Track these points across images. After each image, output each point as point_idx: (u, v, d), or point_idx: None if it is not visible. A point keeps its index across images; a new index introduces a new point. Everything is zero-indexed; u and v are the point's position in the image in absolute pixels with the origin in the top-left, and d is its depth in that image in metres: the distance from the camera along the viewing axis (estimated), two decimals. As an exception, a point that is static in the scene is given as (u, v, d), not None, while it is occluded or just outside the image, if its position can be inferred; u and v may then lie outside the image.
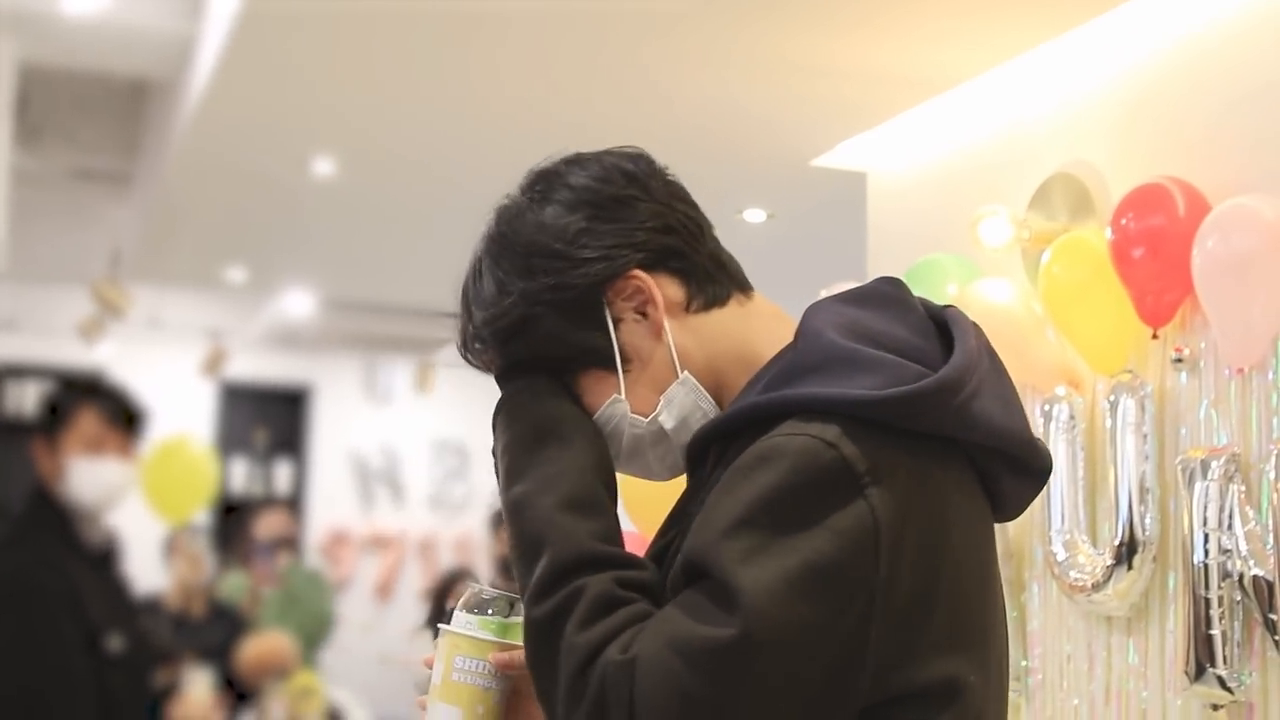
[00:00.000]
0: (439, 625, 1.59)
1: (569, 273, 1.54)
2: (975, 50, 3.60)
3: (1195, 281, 3.01)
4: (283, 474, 9.54)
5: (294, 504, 9.20)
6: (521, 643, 1.49)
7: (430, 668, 1.57)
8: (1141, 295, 3.17)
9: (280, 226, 5.94)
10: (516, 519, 1.49)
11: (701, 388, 1.55)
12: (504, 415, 1.60)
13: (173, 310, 8.14)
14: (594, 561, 1.44)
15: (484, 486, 9.74)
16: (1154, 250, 3.13)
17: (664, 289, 1.55)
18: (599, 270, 1.53)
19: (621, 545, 1.48)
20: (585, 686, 1.36)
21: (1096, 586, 3.23)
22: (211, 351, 8.29)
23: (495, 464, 1.60)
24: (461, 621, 1.55)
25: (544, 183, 1.60)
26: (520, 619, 1.49)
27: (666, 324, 1.54)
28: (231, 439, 9.29)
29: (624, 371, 1.55)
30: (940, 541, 1.44)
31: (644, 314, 1.55)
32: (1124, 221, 3.19)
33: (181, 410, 8.45)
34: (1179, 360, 3.16)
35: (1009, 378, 1.58)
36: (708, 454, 1.52)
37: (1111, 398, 3.24)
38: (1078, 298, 3.35)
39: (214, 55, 4.31)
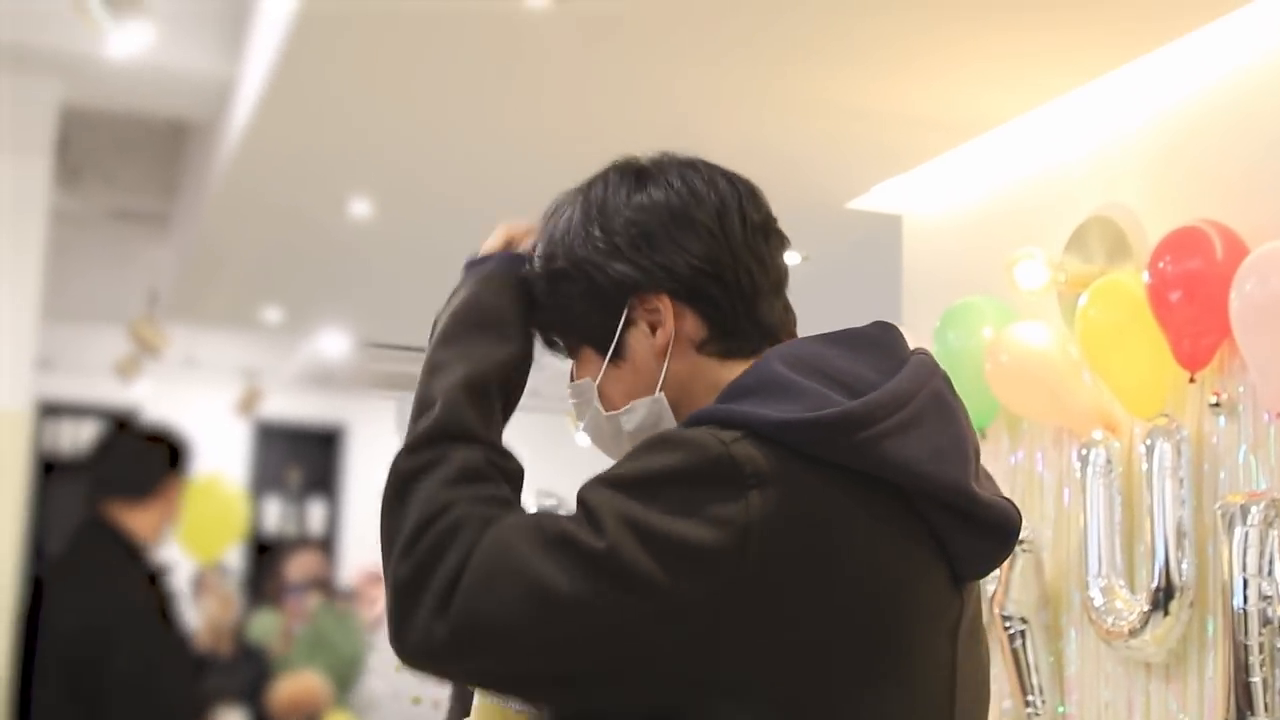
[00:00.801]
0: (476, 692, 1.62)
1: (613, 263, 1.59)
2: (1011, 94, 3.60)
3: (1233, 325, 3.00)
4: (316, 514, 9.55)
5: (327, 544, 9.20)
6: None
7: None
8: (1179, 338, 3.16)
9: (316, 267, 5.96)
10: (425, 378, 1.60)
11: (669, 411, 1.59)
12: (469, 286, 1.70)
13: (209, 350, 8.18)
14: (473, 438, 1.53)
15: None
16: (1191, 293, 3.12)
17: (686, 322, 1.58)
18: (635, 278, 1.58)
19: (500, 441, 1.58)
20: (428, 532, 1.43)
21: (1134, 632, 3.21)
22: (246, 391, 8.32)
23: (436, 318, 1.69)
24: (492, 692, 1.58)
25: (654, 172, 1.64)
26: None
27: (670, 351, 1.59)
28: (266, 478, 9.32)
29: (613, 364, 1.60)
30: (840, 574, 1.41)
31: (654, 331, 1.59)
32: (1161, 265, 3.18)
33: (216, 449, 8.47)
34: (1216, 404, 3.14)
35: (961, 431, 1.53)
36: None
37: (1148, 442, 3.22)
38: (1114, 341, 3.34)
39: (252, 97, 4.35)
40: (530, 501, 8.00)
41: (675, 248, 1.58)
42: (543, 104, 4.00)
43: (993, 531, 1.52)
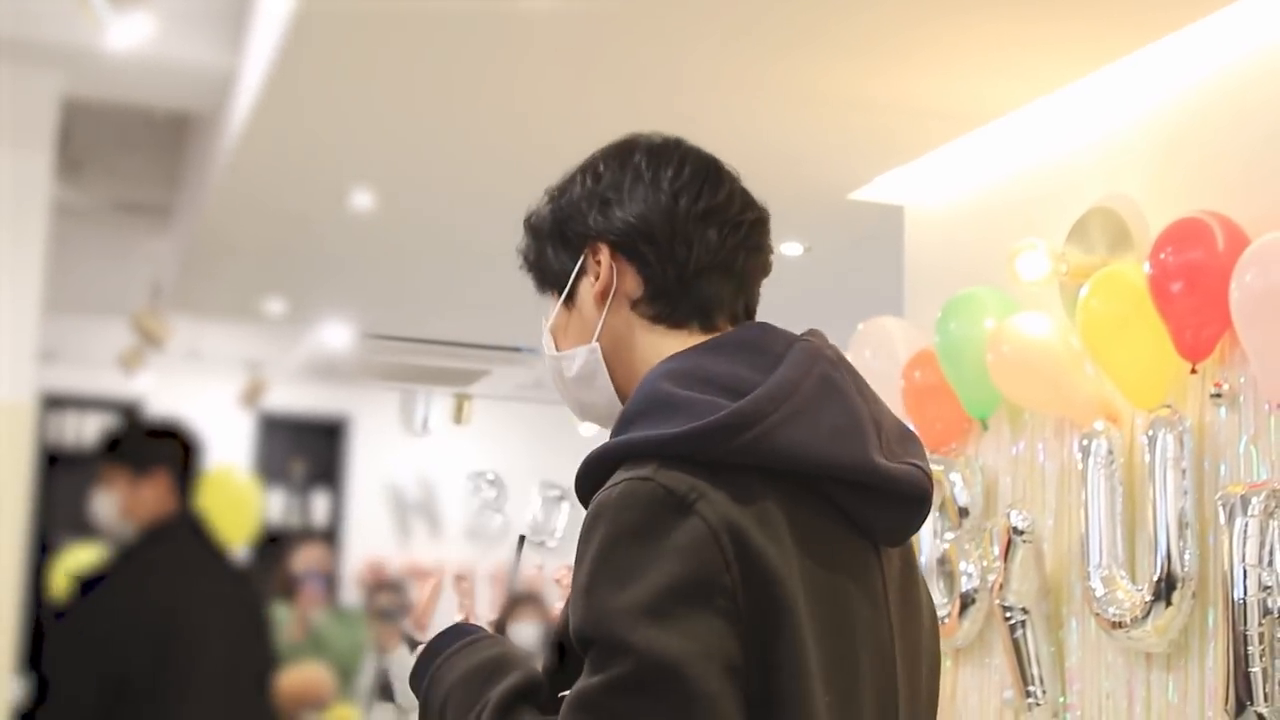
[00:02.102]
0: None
1: (577, 212, 1.71)
2: (1013, 84, 3.60)
3: (1234, 316, 3.00)
4: (320, 505, 9.54)
5: (331, 535, 9.20)
6: None
7: None
8: (1180, 329, 3.16)
9: (319, 259, 5.96)
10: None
11: (604, 366, 1.70)
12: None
13: (211, 342, 8.17)
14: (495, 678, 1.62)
15: (521, 518, 9.72)
16: (1192, 284, 3.12)
17: (625, 278, 1.69)
18: (588, 227, 1.70)
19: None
20: None
21: (1135, 622, 3.21)
22: (250, 383, 8.31)
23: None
24: None
25: (642, 142, 1.75)
26: None
27: (610, 304, 1.69)
28: (269, 470, 9.30)
29: (564, 308, 1.73)
30: (771, 565, 1.48)
31: (596, 278, 1.70)
32: (1162, 255, 3.18)
33: (220, 441, 8.47)
34: (1218, 395, 3.14)
35: (856, 405, 1.59)
36: (583, 498, 1.62)
37: (1150, 433, 3.22)
38: (1116, 332, 3.34)
39: (253, 89, 4.34)
40: (534, 493, 7.99)
41: (623, 207, 1.69)
42: (544, 96, 3.99)
43: (901, 501, 1.60)
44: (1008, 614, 3.53)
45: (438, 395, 9.50)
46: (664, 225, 1.67)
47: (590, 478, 1.58)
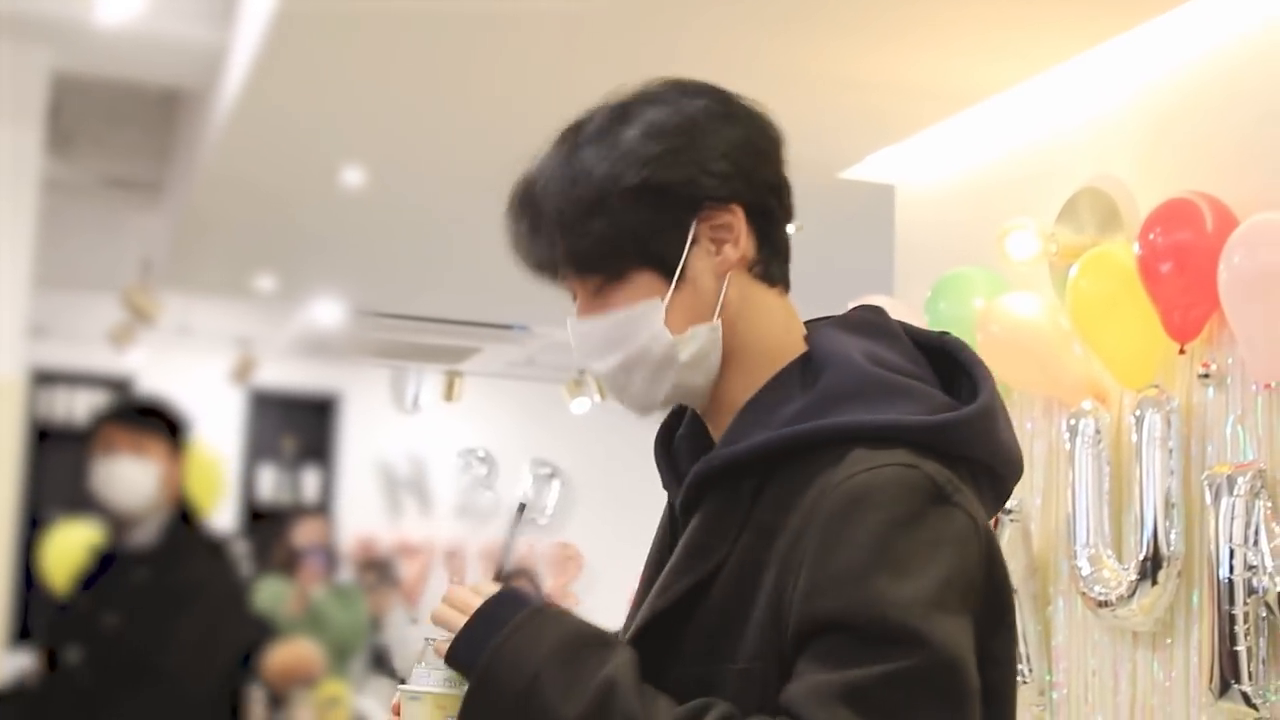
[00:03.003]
0: (402, 687, 1.52)
1: (696, 174, 1.53)
2: (1004, 64, 3.60)
3: (1222, 296, 3.01)
4: (310, 482, 9.55)
5: (322, 512, 9.21)
6: None
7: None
8: (1169, 310, 3.16)
9: (310, 236, 5.96)
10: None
11: (720, 345, 1.55)
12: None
13: (202, 318, 8.17)
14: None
15: (511, 495, 9.73)
16: (1181, 265, 3.12)
17: (746, 241, 1.54)
18: (713, 185, 1.53)
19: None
20: None
21: (1121, 601, 3.22)
22: (240, 359, 8.32)
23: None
24: (440, 679, 1.48)
25: (706, 98, 1.60)
26: None
27: (732, 270, 1.54)
28: (260, 447, 9.31)
29: (675, 288, 1.53)
30: (1003, 563, 1.50)
31: (719, 249, 1.54)
32: (1151, 236, 3.18)
33: (210, 418, 8.47)
34: (1206, 375, 3.15)
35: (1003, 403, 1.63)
36: (740, 487, 1.50)
37: (1138, 412, 3.23)
38: (1105, 312, 3.34)
39: (245, 64, 4.34)
40: (525, 471, 7.97)
41: (753, 159, 1.56)
42: (536, 71, 3.99)
43: (1004, 500, 1.60)
44: (994, 592, 3.54)
45: (429, 372, 9.52)
46: (779, 177, 1.59)
47: (801, 452, 1.46)
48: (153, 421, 4.04)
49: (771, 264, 1.56)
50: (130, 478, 3.90)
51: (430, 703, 1.47)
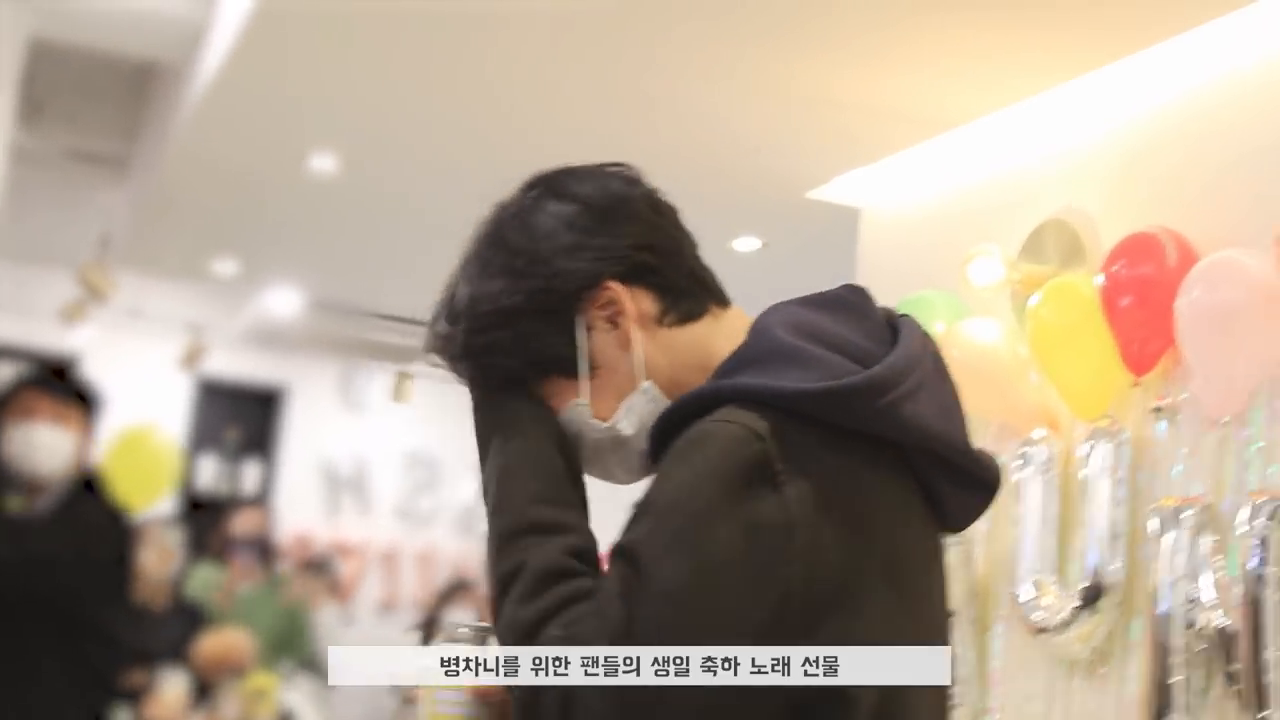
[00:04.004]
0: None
1: (550, 278, 1.59)
2: (978, 92, 3.64)
3: (1179, 331, 3.05)
4: (251, 474, 9.50)
5: (259, 505, 9.17)
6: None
7: (413, 702, 1.65)
8: (1127, 343, 3.21)
9: (275, 221, 5.93)
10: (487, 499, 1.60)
11: (663, 397, 1.60)
12: (496, 437, 1.64)
13: (156, 300, 8.12)
14: (538, 528, 1.52)
15: (452, 501, 9.71)
16: (1142, 298, 3.17)
17: (639, 302, 1.60)
18: (578, 279, 1.59)
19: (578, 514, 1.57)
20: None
21: (1060, 628, 3.26)
22: (190, 346, 8.27)
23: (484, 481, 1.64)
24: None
25: (541, 189, 1.67)
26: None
27: (635, 335, 1.59)
28: (203, 435, 9.25)
29: (591, 377, 1.60)
30: (865, 540, 1.49)
31: (615, 324, 1.60)
32: (1114, 268, 3.24)
33: (155, 402, 8.43)
34: (1159, 409, 3.20)
35: (954, 388, 1.63)
36: (661, 447, 1.56)
37: (1089, 442, 3.28)
38: (1063, 342, 3.39)
39: (225, 42, 4.33)
40: (467, 477, 7.94)
41: (603, 237, 1.61)
42: (516, 73, 4.01)
43: (982, 485, 1.63)
44: (936, 613, 3.57)
45: (380, 370, 9.50)
46: (653, 231, 1.63)
47: (694, 412, 1.51)
48: (73, 391, 4.07)
49: (684, 305, 1.62)
50: (49, 445, 3.92)
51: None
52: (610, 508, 1.61)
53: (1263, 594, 2.82)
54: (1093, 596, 3.20)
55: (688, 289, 1.64)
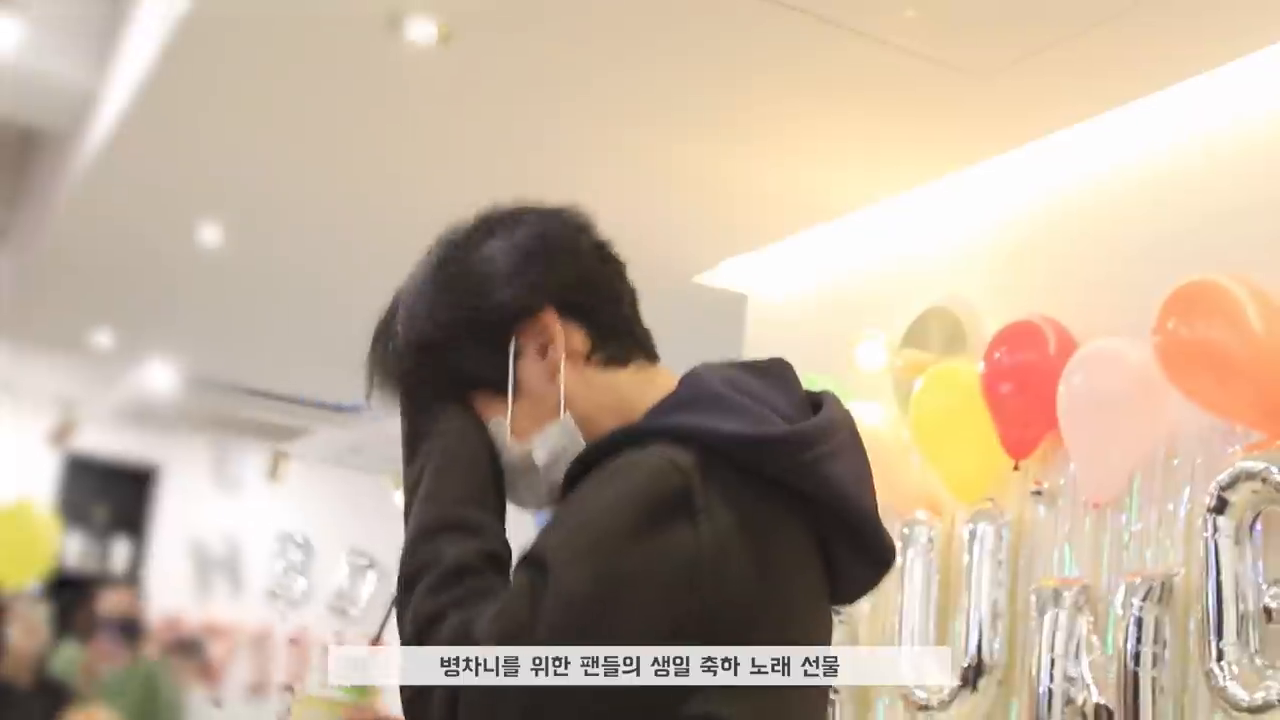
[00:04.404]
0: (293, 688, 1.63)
1: (488, 305, 1.64)
2: (865, 181, 3.72)
3: (1060, 416, 3.13)
4: (120, 553, 9.32)
5: (129, 584, 8.98)
6: (368, 701, 1.56)
7: None
8: (1008, 428, 3.28)
9: (155, 293, 5.86)
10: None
11: (578, 433, 1.63)
12: (430, 439, 1.65)
13: (29, 374, 7.98)
14: (459, 527, 1.54)
15: (326, 583, 9.59)
16: (1022, 384, 3.25)
17: (570, 337, 1.64)
18: (515, 308, 1.63)
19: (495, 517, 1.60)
20: (427, 643, 1.45)
21: (941, 706, 3.30)
22: (62, 421, 8.14)
23: (411, 487, 1.63)
24: (316, 683, 1.60)
25: (490, 222, 1.71)
26: (369, 682, 1.55)
27: (563, 368, 1.63)
28: (71, 511, 9.06)
29: (513, 400, 1.64)
30: (768, 584, 1.51)
31: (545, 354, 1.64)
32: (996, 355, 3.32)
33: (22, 477, 8.26)
34: (1038, 493, 3.27)
35: (868, 462, 1.66)
36: (585, 473, 1.58)
37: (971, 525, 3.34)
38: (945, 426, 3.46)
39: (114, 112, 4.30)
40: (341, 560, 7.86)
41: (543, 271, 1.64)
42: (409, 147, 4.02)
43: (880, 561, 1.65)
44: (819, 692, 3.60)
45: (255, 450, 9.40)
46: (592, 271, 1.67)
47: (624, 447, 1.52)
48: None
49: (612, 347, 1.65)
50: None
51: (303, 702, 1.54)
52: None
53: (1139, 672, 2.89)
54: (974, 675, 3.25)
55: (619, 334, 1.67)
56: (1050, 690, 3.03)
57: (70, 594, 7.96)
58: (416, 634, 1.46)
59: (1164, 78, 3.10)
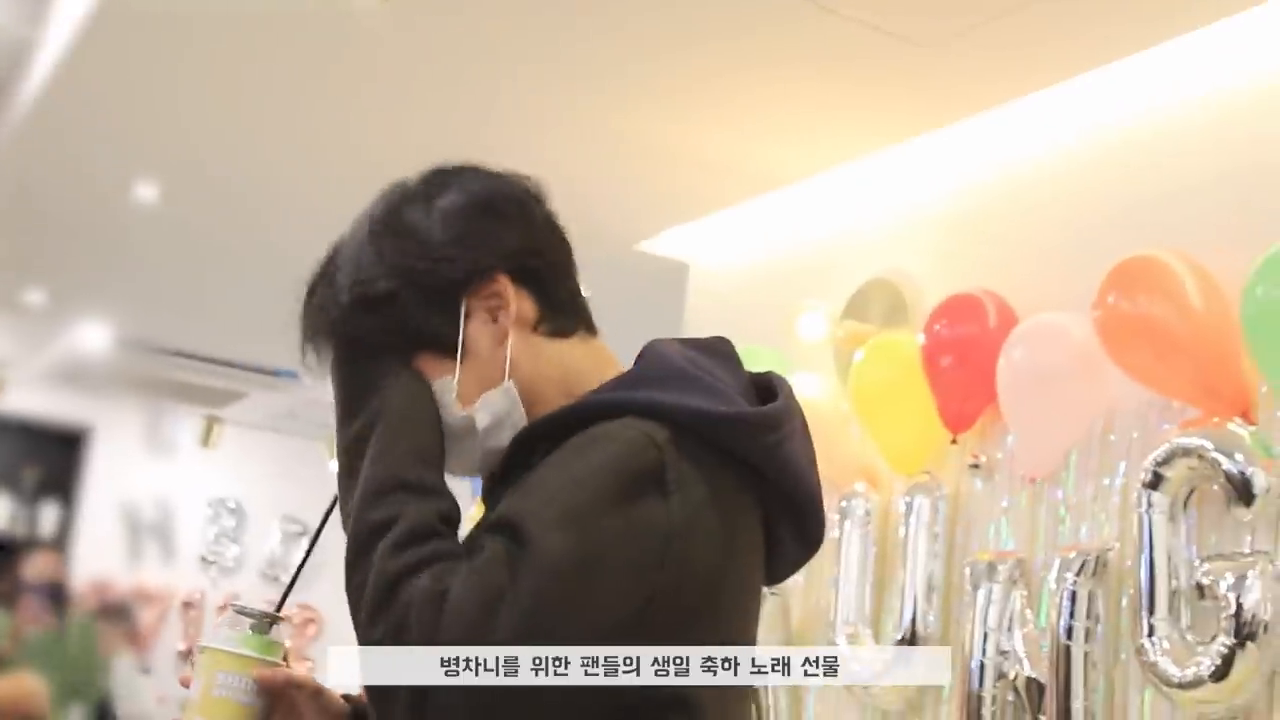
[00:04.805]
0: (199, 643, 1.58)
1: (441, 263, 1.61)
2: (808, 151, 3.71)
3: (1000, 390, 3.13)
4: (49, 516, 9.20)
5: (59, 549, 8.88)
6: (280, 660, 1.55)
7: (188, 686, 1.56)
8: (946, 401, 3.28)
9: (90, 251, 5.77)
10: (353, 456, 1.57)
11: (519, 401, 1.62)
12: (378, 393, 1.62)
13: (-44, 332, 7.86)
14: (416, 487, 1.51)
15: (259, 550, 9.53)
16: (962, 358, 3.25)
17: (520, 303, 1.62)
18: (467, 268, 1.61)
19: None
20: (391, 604, 1.41)
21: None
22: (-10, 382, 8.02)
23: (350, 438, 1.60)
24: (224, 637, 1.55)
25: (443, 178, 1.68)
26: (279, 640, 1.55)
27: (511, 334, 1.61)
28: (-2, 475, 8.96)
29: (459, 363, 1.61)
30: (729, 561, 1.52)
31: (495, 318, 1.61)
32: (936, 328, 3.31)
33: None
34: (976, 466, 3.27)
35: (813, 448, 1.67)
36: (534, 450, 1.57)
37: (908, 498, 3.34)
38: (885, 399, 3.46)
39: (49, 63, 4.23)
40: (274, 526, 7.83)
41: (496, 233, 1.62)
42: (352, 110, 3.98)
43: (813, 542, 1.66)
44: (752, 663, 3.59)
45: (188, 414, 9.31)
46: (543, 237, 1.65)
47: (592, 420, 1.51)
48: None
49: (559, 319, 1.64)
50: None
51: (210, 656, 1.53)
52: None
53: (1071, 647, 2.89)
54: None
55: (566, 306, 1.66)
56: (983, 664, 3.04)
57: (2, 559, 7.87)
58: (379, 595, 1.42)
59: (1111, 52, 3.10)
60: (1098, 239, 3.13)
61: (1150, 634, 2.74)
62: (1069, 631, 2.91)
